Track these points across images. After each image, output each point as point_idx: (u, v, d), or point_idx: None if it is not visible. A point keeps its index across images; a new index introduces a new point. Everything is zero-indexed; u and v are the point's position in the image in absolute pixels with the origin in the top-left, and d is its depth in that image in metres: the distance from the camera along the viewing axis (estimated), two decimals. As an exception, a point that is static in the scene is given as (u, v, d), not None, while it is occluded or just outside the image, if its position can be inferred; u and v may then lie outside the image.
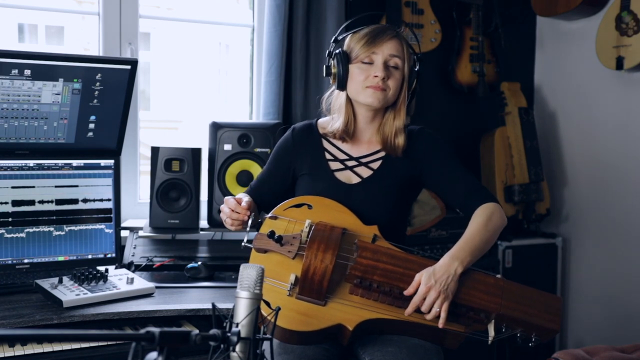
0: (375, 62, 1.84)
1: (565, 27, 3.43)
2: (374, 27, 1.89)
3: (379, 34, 1.85)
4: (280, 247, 1.72)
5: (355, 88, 1.86)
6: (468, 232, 1.79)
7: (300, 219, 1.78)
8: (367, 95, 1.84)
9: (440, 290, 1.66)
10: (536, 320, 1.70)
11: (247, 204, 1.81)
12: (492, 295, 1.70)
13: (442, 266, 1.70)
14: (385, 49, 1.84)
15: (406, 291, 1.68)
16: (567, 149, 3.47)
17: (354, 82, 1.86)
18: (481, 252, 1.77)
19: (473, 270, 1.74)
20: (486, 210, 1.83)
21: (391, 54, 1.84)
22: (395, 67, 1.85)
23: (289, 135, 1.99)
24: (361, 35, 1.87)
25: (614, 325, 3.22)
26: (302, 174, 1.95)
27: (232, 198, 1.83)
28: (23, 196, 2.19)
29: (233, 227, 1.82)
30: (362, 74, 1.84)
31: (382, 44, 1.84)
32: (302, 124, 2.02)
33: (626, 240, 3.17)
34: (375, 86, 1.83)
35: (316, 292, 1.68)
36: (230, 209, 1.80)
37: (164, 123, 4.04)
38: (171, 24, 3.42)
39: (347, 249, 1.73)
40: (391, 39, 1.86)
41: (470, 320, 1.71)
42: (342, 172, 1.92)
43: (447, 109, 3.38)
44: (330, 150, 1.94)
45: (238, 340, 1.20)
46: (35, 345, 1.79)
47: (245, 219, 1.79)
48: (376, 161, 1.91)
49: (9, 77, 2.10)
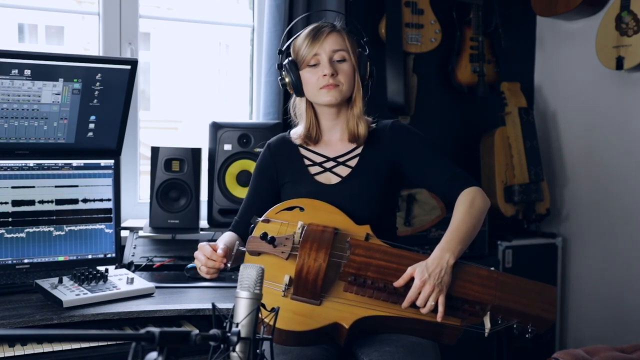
0: (321, 61, 1.87)
1: (565, 27, 3.43)
2: (310, 29, 1.90)
3: (316, 35, 1.88)
4: (274, 249, 1.72)
5: (311, 92, 1.90)
6: (454, 222, 1.79)
7: (293, 221, 1.78)
8: (322, 95, 1.88)
9: (434, 284, 1.66)
10: (531, 310, 1.71)
11: (223, 250, 1.75)
12: (487, 287, 1.71)
13: (434, 259, 1.70)
14: (327, 46, 1.86)
15: (396, 282, 1.69)
16: (567, 149, 3.47)
17: (308, 86, 1.90)
18: (470, 239, 1.78)
19: (466, 264, 1.74)
20: (467, 196, 1.82)
21: (333, 49, 1.87)
22: (341, 60, 1.88)
23: (266, 151, 2.02)
24: (301, 40, 1.90)
25: (614, 325, 3.22)
26: (285, 183, 1.96)
27: (207, 245, 1.77)
28: (23, 196, 2.19)
29: (208, 276, 1.77)
30: (312, 76, 1.88)
31: (321, 43, 1.86)
32: (276, 138, 2.05)
33: (626, 240, 3.17)
34: (327, 85, 1.86)
35: (311, 291, 1.68)
36: (206, 256, 1.74)
37: (164, 123, 4.04)
38: (171, 24, 3.42)
39: (340, 248, 1.74)
40: (329, 34, 1.88)
41: (466, 313, 1.72)
42: (322, 175, 1.93)
43: (447, 109, 3.38)
44: (308, 156, 1.96)
45: (238, 340, 1.20)
46: (35, 345, 1.79)
47: (222, 267, 1.75)
48: (353, 158, 1.93)
49: (9, 77, 2.10)
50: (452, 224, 1.79)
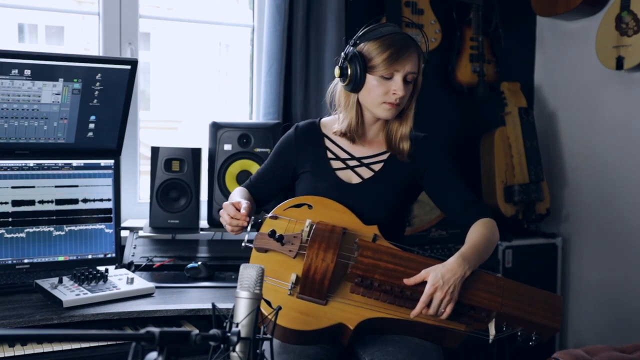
0: (395, 78, 1.81)
1: (565, 27, 3.43)
2: (397, 40, 1.81)
3: (402, 50, 1.80)
4: (281, 247, 1.72)
5: (371, 100, 1.84)
6: (474, 237, 1.80)
7: (301, 219, 1.78)
8: (382, 110, 1.84)
9: (446, 291, 1.66)
10: (537, 318, 1.70)
11: (246, 209, 1.78)
12: (493, 294, 1.70)
13: (451, 268, 1.69)
14: (407, 66, 1.80)
15: (407, 280, 1.68)
16: (567, 149, 3.47)
17: (370, 93, 1.83)
18: (483, 259, 1.78)
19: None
20: (488, 224, 1.85)
21: (410, 71, 1.82)
22: (411, 82, 1.84)
23: (291, 133, 1.99)
24: (384, 48, 1.80)
25: (614, 325, 3.22)
26: (304, 172, 1.95)
27: (230, 204, 1.81)
28: (23, 196, 2.19)
29: (233, 233, 1.81)
30: (380, 87, 1.81)
31: (404, 62, 1.80)
32: (305, 122, 2.02)
33: (626, 240, 3.17)
34: (392, 103, 1.82)
35: (317, 291, 1.68)
36: (230, 215, 1.78)
37: (164, 123, 4.04)
38: (171, 24, 3.42)
39: (348, 248, 1.74)
40: (412, 54, 1.81)
41: (472, 319, 1.71)
42: (343, 171, 1.92)
43: (447, 109, 3.38)
44: (332, 149, 1.94)
45: (238, 340, 1.20)
46: (35, 345, 1.79)
47: (245, 225, 1.78)
48: (378, 163, 1.92)
49: (9, 77, 2.10)
50: (474, 239, 1.79)
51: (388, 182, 1.89)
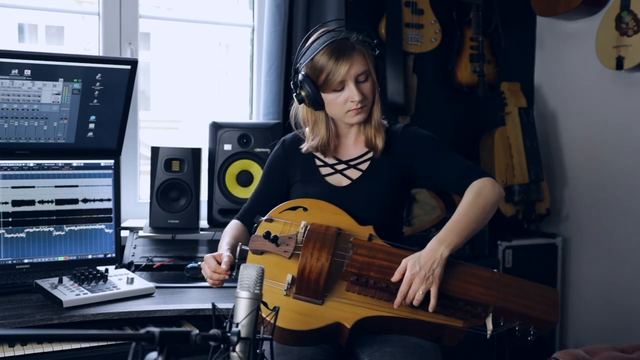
0: (348, 87, 1.80)
1: (565, 27, 3.43)
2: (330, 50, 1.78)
3: (339, 59, 1.77)
4: (277, 248, 1.72)
5: (336, 112, 1.86)
6: (456, 213, 1.76)
7: (296, 221, 1.78)
8: (350, 117, 1.85)
9: (424, 277, 1.65)
10: (534, 312, 1.70)
11: (227, 264, 1.77)
12: (489, 288, 1.70)
13: (427, 252, 1.68)
14: (352, 71, 1.78)
15: (393, 277, 1.68)
16: (567, 149, 3.47)
17: (332, 107, 1.85)
18: (472, 231, 1.74)
19: (468, 265, 1.74)
20: (475, 187, 1.78)
21: (358, 72, 1.80)
22: (364, 80, 1.83)
23: (279, 148, 2.02)
24: (321, 64, 1.78)
25: (614, 325, 3.22)
26: (295, 182, 1.97)
27: (212, 257, 1.79)
28: (23, 196, 2.19)
29: (214, 286, 1.81)
30: (338, 99, 1.82)
31: (347, 68, 1.77)
32: (290, 135, 2.03)
33: (626, 240, 3.17)
34: (355, 109, 1.82)
35: (313, 291, 1.68)
36: (211, 269, 1.78)
37: (164, 123, 4.04)
38: (171, 24, 3.42)
39: (343, 248, 1.74)
40: (352, 56, 1.78)
41: (468, 314, 1.71)
42: (332, 176, 1.93)
43: (447, 109, 3.38)
44: (320, 157, 1.96)
45: (238, 340, 1.20)
46: (35, 345, 1.79)
47: (226, 278, 1.78)
48: (364, 162, 1.93)
49: (9, 77, 2.10)
50: (454, 216, 1.75)
51: (377, 179, 1.90)
